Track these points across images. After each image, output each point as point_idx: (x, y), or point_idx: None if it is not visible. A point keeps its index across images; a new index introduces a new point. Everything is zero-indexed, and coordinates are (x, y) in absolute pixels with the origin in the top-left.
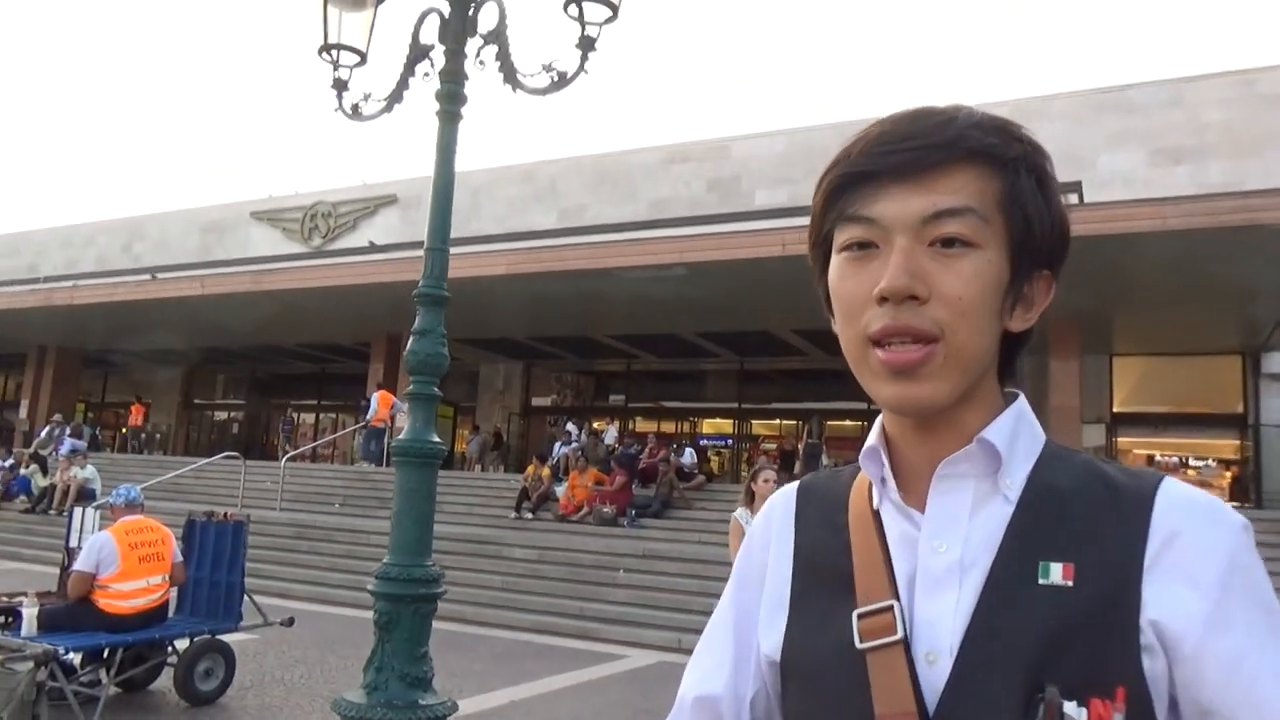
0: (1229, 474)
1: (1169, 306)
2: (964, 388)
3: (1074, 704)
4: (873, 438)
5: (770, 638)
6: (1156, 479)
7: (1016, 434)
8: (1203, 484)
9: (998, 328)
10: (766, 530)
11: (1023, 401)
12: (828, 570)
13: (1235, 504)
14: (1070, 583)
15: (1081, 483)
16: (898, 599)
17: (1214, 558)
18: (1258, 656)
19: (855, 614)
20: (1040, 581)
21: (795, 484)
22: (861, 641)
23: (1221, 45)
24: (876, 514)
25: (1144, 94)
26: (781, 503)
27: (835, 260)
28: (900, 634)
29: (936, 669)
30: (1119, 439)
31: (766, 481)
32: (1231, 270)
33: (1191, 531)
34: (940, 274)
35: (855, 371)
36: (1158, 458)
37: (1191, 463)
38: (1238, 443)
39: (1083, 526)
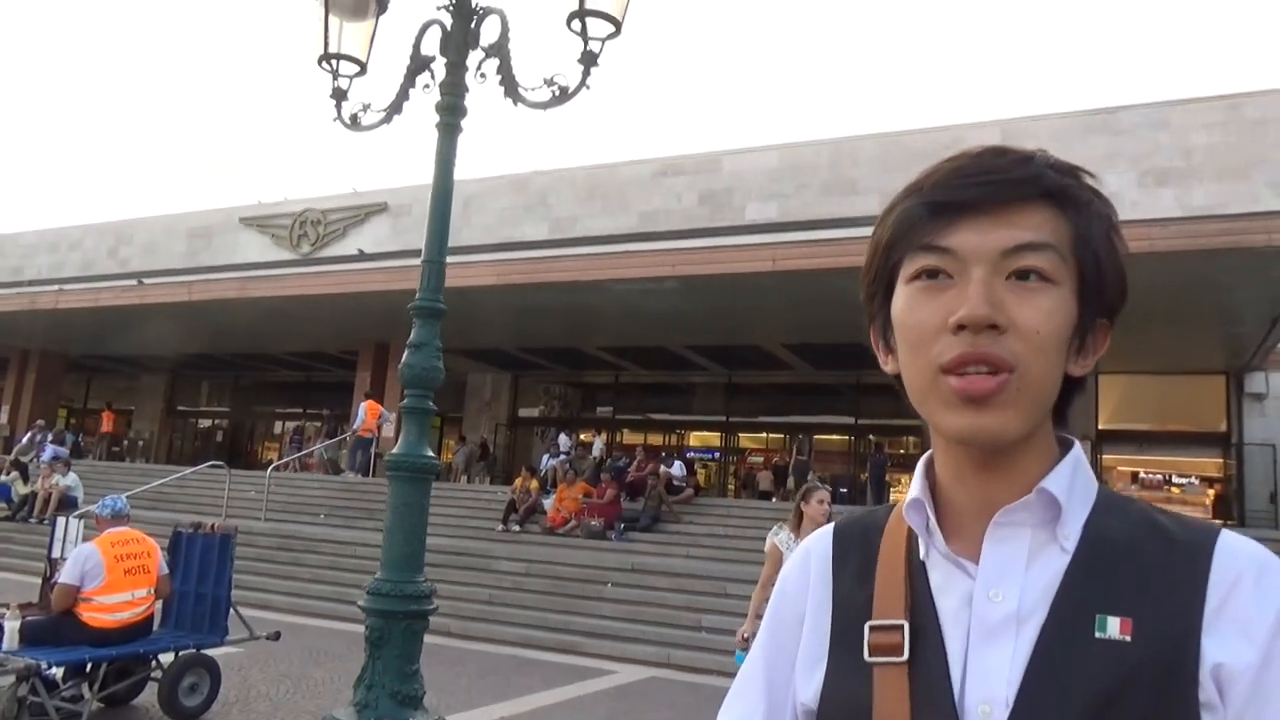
0: (1212, 492)
1: (1154, 326)
2: (1033, 424)
3: None
4: (916, 489)
5: (809, 687)
6: (1214, 532)
7: (1074, 483)
8: (1185, 502)
9: (1062, 365)
10: (804, 577)
11: (1079, 449)
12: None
13: (1218, 521)
14: (1128, 638)
15: (1138, 534)
16: (909, 620)
17: (1267, 609)
18: None
19: (867, 625)
20: (1097, 635)
21: (831, 527)
22: (870, 655)
23: (1208, 69)
24: (922, 566)
25: (1132, 116)
26: (819, 549)
27: (904, 291)
28: (906, 655)
29: None
30: (1104, 456)
31: (821, 503)
32: (1216, 292)
33: (1248, 585)
34: (1018, 306)
35: (920, 404)
36: (1142, 475)
37: (1175, 480)
38: (1221, 461)
39: (1140, 580)
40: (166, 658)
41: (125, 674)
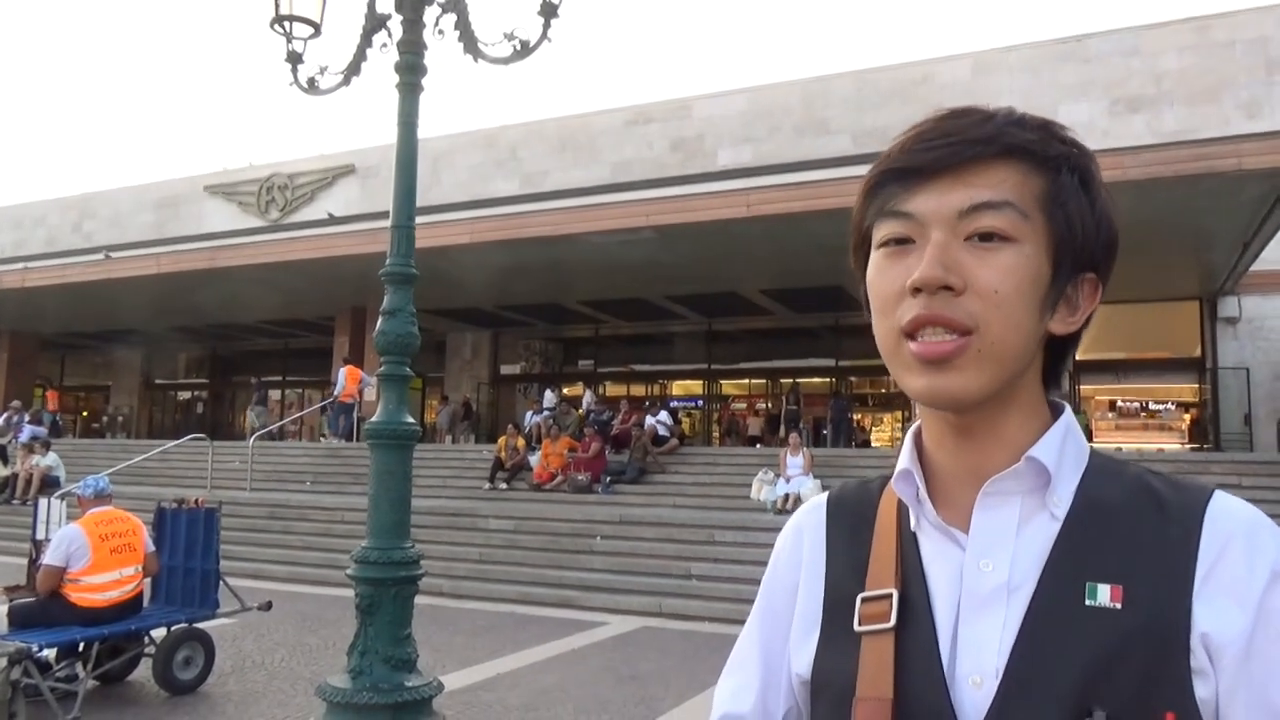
0: (1188, 417)
1: (1128, 254)
2: (999, 384)
3: None
4: (905, 459)
5: (802, 657)
6: (1205, 495)
7: (1064, 448)
8: (1162, 428)
9: (1037, 326)
10: (797, 548)
11: (1069, 413)
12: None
13: (1194, 446)
14: (1118, 605)
15: (1129, 499)
16: (899, 589)
17: (1258, 572)
18: None
19: (860, 597)
20: (1088, 603)
21: (825, 497)
22: (860, 625)
23: None
24: (914, 536)
25: (1101, 43)
26: (812, 520)
27: (874, 257)
28: (893, 622)
29: (982, 692)
30: (1081, 386)
31: None
32: (1189, 218)
33: (1238, 548)
34: (976, 267)
35: (889, 366)
36: (1119, 403)
37: (1151, 407)
38: (1196, 386)
39: (1131, 546)
40: (159, 633)
41: (118, 652)
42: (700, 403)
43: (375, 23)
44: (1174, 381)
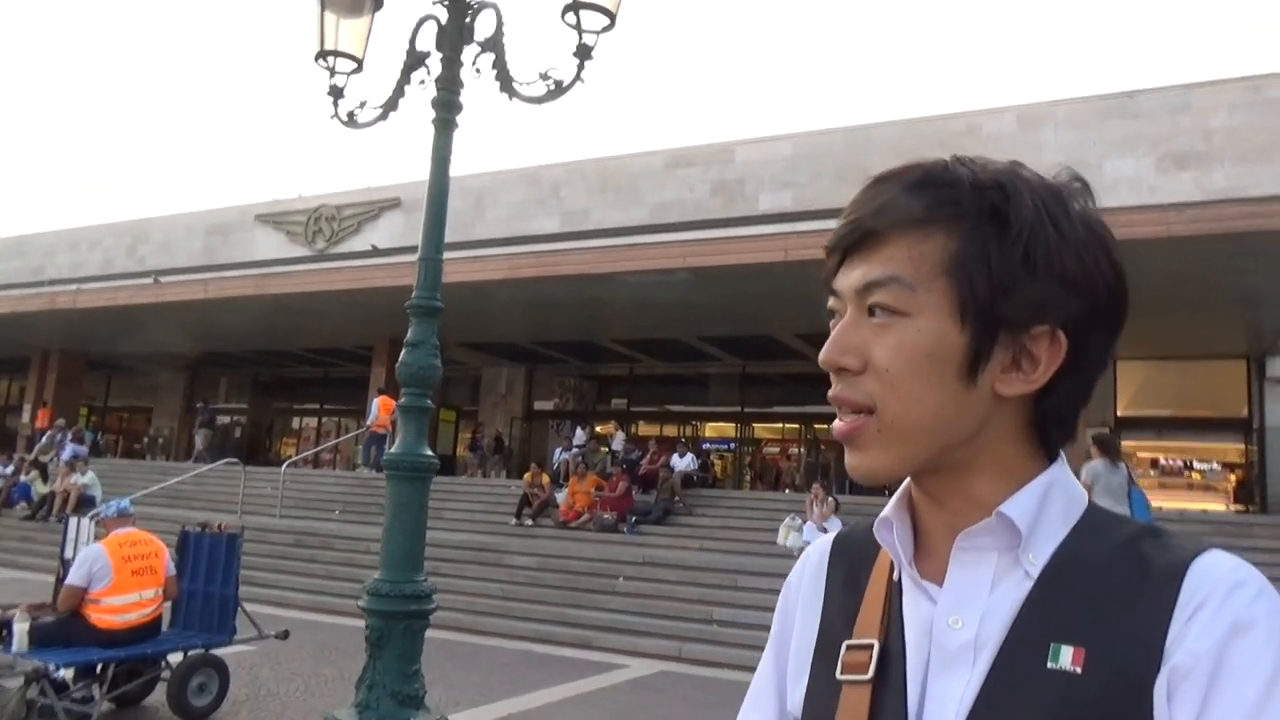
0: (1233, 478)
1: (1174, 311)
2: (916, 459)
3: None
4: (888, 508)
5: (795, 695)
6: (1191, 554)
7: (1044, 506)
8: (1206, 488)
9: (955, 396)
10: (799, 587)
11: (1056, 470)
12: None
13: (1239, 507)
14: (1078, 669)
15: (1110, 558)
16: (881, 640)
17: (1217, 625)
18: None
19: (845, 644)
20: (1049, 665)
21: (831, 538)
22: (841, 673)
23: (1230, 51)
24: (899, 586)
25: (1151, 99)
26: (816, 559)
27: None
28: (870, 674)
29: None
30: (1123, 443)
31: None
32: (1237, 276)
33: (1210, 608)
34: (874, 344)
35: None
36: (1162, 461)
37: (1195, 466)
38: (1242, 446)
39: (1101, 607)
40: (175, 657)
41: (135, 674)
42: (732, 445)
43: (415, 60)
44: (1219, 441)
